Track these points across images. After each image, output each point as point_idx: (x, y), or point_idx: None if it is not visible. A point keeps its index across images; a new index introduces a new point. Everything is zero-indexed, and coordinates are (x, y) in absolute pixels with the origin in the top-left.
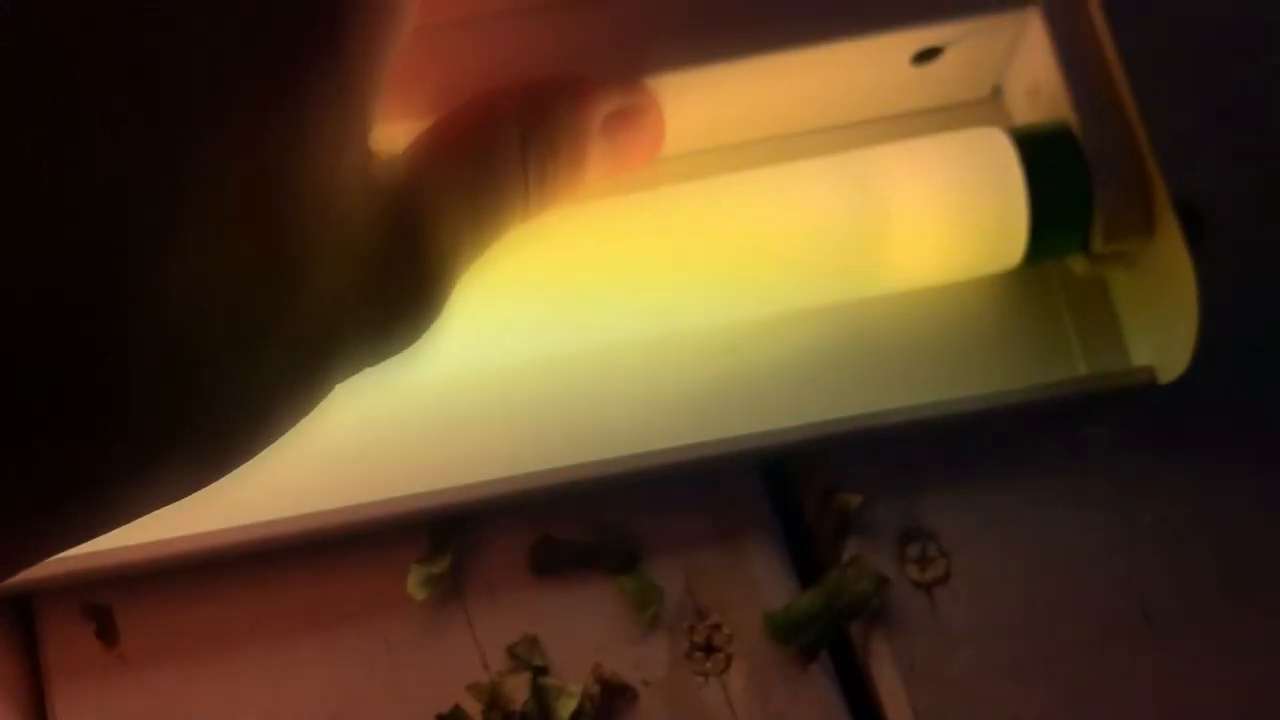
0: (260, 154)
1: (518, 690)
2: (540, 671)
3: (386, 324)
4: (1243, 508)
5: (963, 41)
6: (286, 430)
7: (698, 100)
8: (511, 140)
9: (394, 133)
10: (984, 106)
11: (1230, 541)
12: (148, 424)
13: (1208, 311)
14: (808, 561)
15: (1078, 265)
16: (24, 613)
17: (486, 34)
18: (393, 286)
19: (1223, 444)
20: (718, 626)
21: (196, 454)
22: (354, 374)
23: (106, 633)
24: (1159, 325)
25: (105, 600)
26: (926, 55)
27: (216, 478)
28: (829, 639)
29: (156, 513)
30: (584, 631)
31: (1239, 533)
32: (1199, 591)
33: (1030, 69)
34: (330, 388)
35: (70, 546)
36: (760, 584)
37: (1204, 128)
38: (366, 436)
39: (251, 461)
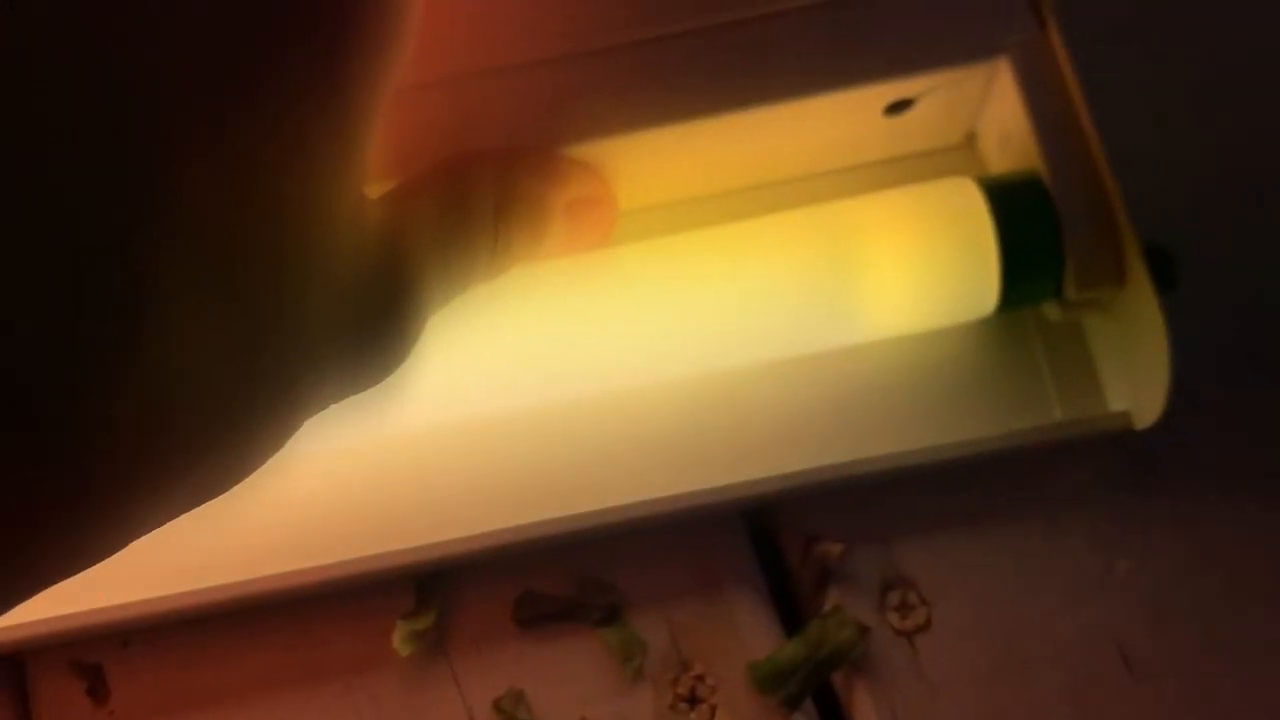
0: (254, 191)
1: None
2: None
3: (358, 360)
4: (1221, 551)
5: (934, 93)
6: (257, 463)
7: (672, 154)
8: (486, 207)
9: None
10: (958, 153)
11: (1209, 585)
12: (118, 453)
13: (1183, 357)
14: (791, 611)
15: (1052, 312)
16: (16, 671)
17: (457, 94)
18: (367, 323)
19: (1201, 487)
20: (701, 677)
21: (166, 483)
22: (322, 409)
23: (97, 690)
24: (1134, 371)
25: (95, 658)
26: (899, 106)
27: (186, 509)
28: (812, 689)
29: (146, 571)
30: (569, 684)
31: (1218, 576)
32: (1179, 637)
33: (1001, 117)
34: (300, 421)
35: (49, 583)
36: (743, 634)
37: (1173, 172)
38: (351, 492)
39: (225, 499)
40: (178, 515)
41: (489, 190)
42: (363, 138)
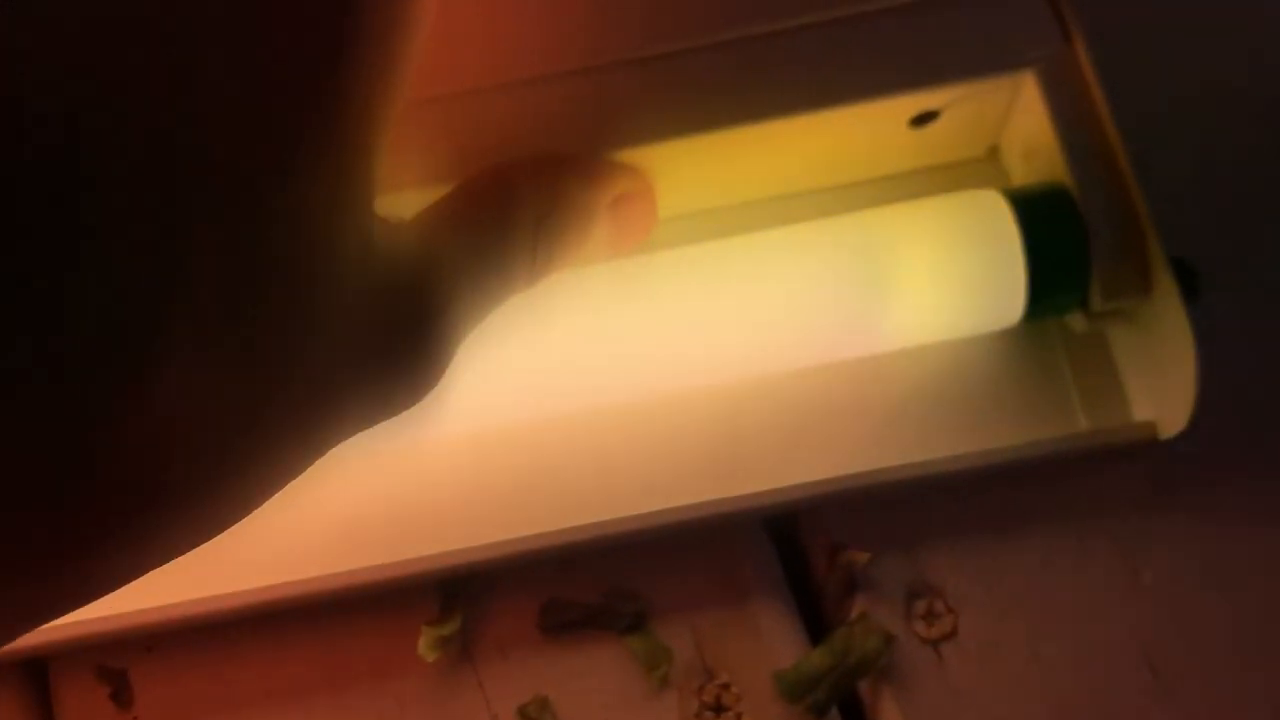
0: (255, 233)
1: None
2: None
3: (386, 388)
4: (1246, 560)
5: (960, 105)
6: (279, 490)
7: (703, 162)
8: (526, 221)
9: (404, 199)
10: (981, 165)
11: (1235, 595)
12: (123, 488)
13: (1208, 367)
14: (816, 619)
15: (1077, 322)
16: (39, 675)
17: (494, 104)
18: (395, 351)
19: (1225, 497)
20: (727, 686)
21: (189, 518)
22: (351, 436)
23: (121, 696)
24: (1159, 381)
25: (120, 663)
26: (924, 118)
27: (208, 538)
28: (839, 697)
29: (171, 576)
30: (594, 692)
31: (1243, 586)
32: (1206, 646)
33: (1026, 130)
34: (322, 452)
35: (69, 609)
36: (769, 643)
37: (1199, 184)
38: (376, 499)
39: (244, 521)
40: (195, 545)
41: (529, 203)
42: (365, 173)
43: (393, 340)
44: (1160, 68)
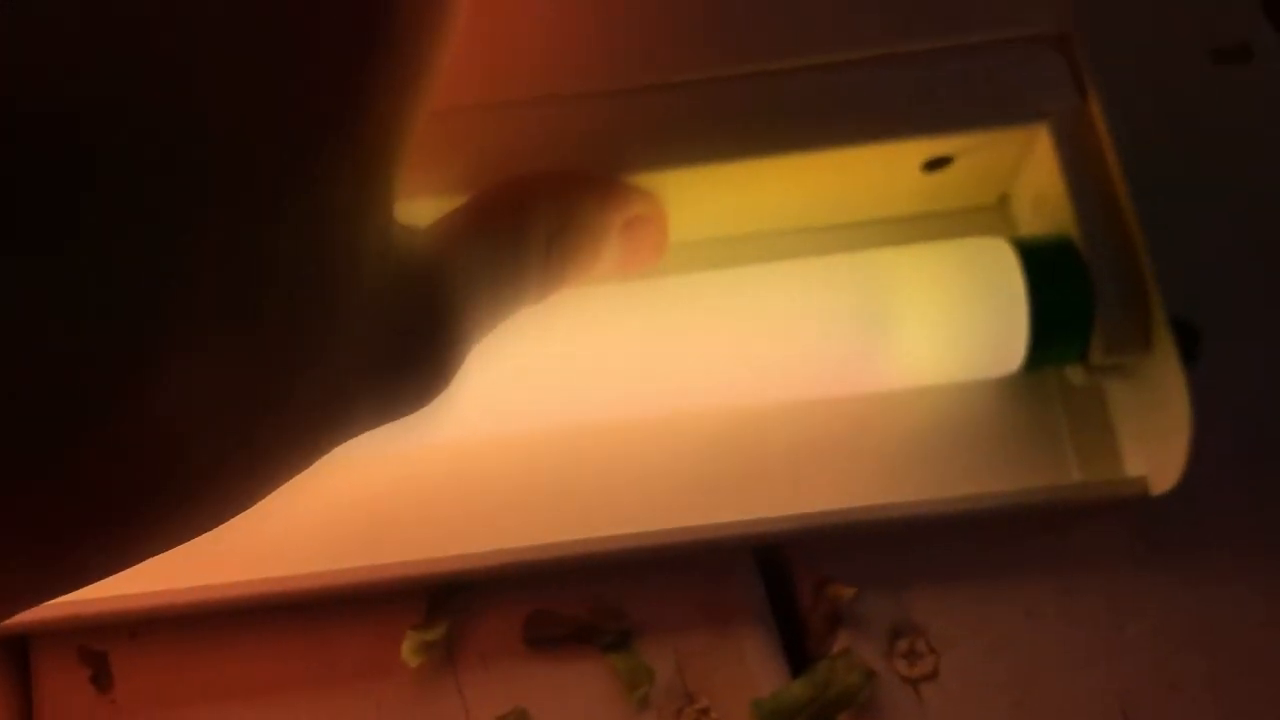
0: (260, 234)
1: None
2: None
3: (395, 391)
4: (1228, 621)
5: (973, 152)
6: (278, 485)
7: (715, 193)
8: (539, 235)
9: (419, 207)
10: (990, 213)
11: (1219, 654)
12: (130, 475)
13: (1202, 425)
14: (799, 650)
15: (1075, 375)
16: (20, 654)
17: (515, 119)
18: (406, 356)
19: (1214, 555)
20: (706, 710)
21: (187, 514)
22: (354, 436)
23: (101, 679)
24: (1153, 437)
25: (102, 646)
26: (937, 164)
27: (210, 528)
28: None
29: (159, 564)
30: (573, 707)
31: (1228, 645)
32: (1183, 704)
33: (1036, 180)
34: (328, 449)
35: (64, 592)
36: (750, 670)
37: (1204, 244)
38: (370, 500)
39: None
40: (191, 538)
41: (543, 218)
42: (385, 180)
43: (405, 343)
44: (1172, 127)
